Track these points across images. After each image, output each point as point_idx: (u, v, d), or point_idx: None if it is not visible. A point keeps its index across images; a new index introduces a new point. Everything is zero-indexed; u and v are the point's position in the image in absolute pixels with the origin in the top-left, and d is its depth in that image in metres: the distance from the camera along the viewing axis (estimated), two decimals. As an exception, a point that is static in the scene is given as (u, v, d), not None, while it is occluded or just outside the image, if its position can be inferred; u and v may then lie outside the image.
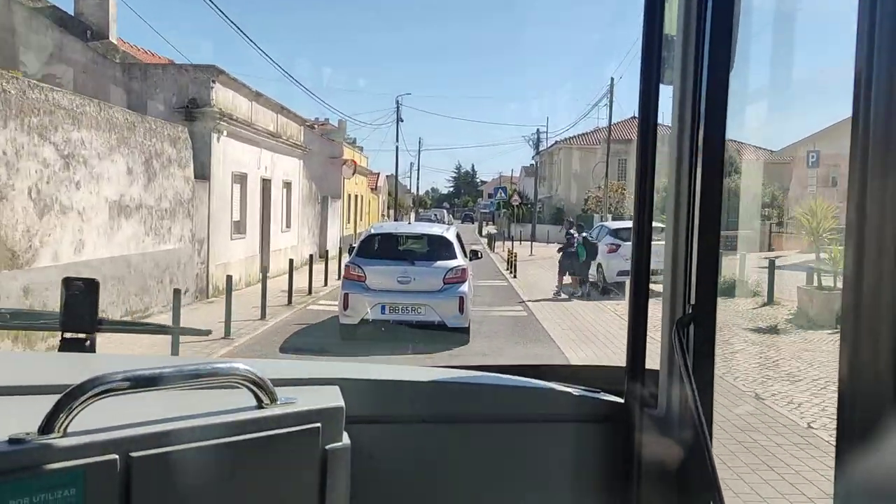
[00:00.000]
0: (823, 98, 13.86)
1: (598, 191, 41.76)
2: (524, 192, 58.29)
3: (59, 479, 0.93)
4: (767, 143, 26.51)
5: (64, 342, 1.65)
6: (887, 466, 0.89)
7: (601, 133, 48.95)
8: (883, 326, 0.89)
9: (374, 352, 9.66)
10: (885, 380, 0.89)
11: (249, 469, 1.11)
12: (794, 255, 18.78)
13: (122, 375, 1.00)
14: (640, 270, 1.45)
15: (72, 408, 0.96)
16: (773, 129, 24.85)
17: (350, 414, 1.23)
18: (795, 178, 24.07)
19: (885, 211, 0.88)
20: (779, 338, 11.92)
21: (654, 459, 1.44)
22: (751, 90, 6.17)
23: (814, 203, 14.40)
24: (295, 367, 1.53)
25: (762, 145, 27.59)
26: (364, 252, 11.98)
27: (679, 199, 1.40)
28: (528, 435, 1.50)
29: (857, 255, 0.91)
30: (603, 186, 38.31)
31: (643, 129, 1.41)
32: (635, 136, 1.45)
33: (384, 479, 1.38)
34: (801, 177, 23.23)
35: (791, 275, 15.50)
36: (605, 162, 38.62)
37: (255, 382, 1.13)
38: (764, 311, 14.14)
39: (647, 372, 1.48)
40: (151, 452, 1.00)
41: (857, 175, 0.91)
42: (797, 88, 16.80)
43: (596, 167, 41.26)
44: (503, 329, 13.45)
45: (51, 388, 1.08)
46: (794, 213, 19.45)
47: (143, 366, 1.04)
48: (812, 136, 22.30)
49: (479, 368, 1.67)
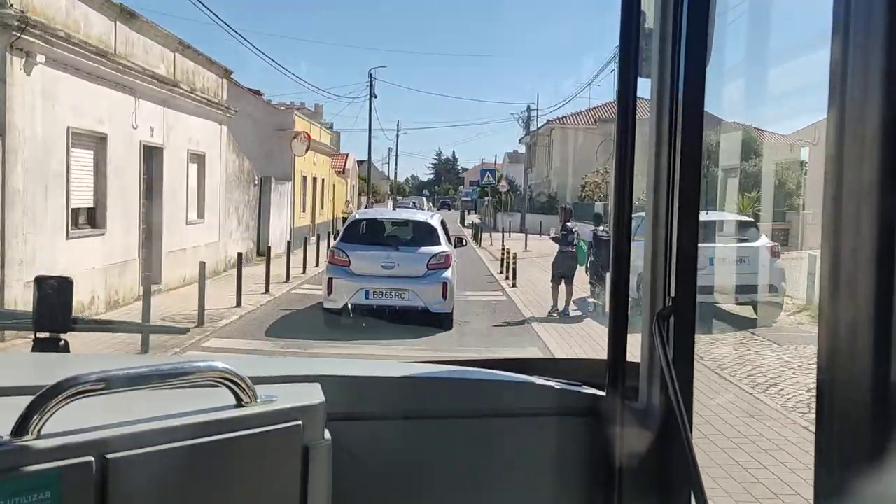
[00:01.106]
0: (802, 91, 12.73)
1: (596, 175, 36.49)
2: (512, 178, 52.24)
3: (34, 482, 0.92)
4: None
5: (37, 342, 1.65)
6: (866, 452, 0.89)
7: (599, 111, 43.41)
8: (861, 314, 0.88)
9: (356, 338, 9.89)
10: (863, 368, 0.88)
11: (229, 468, 1.10)
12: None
13: (98, 376, 0.98)
14: (620, 263, 1.45)
15: (45, 409, 0.94)
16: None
17: (331, 411, 1.22)
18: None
19: (860, 200, 0.88)
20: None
21: (635, 452, 1.45)
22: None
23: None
24: (275, 364, 1.68)
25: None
26: (349, 237, 11.95)
27: (658, 192, 1.40)
28: (511, 429, 1.50)
29: (835, 243, 0.91)
30: (610, 168, 32.40)
31: (622, 124, 1.42)
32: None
33: (366, 475, 1.38)
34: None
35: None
36: (612, 139, 32.73)
37: (234, 381, 1.11)
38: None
39: (629, 365, 1.47)
40: (129, 454, 0.99)
41: (833, 166, 0.90)
42: (775, 79, 14.36)
43: (601, 145, 35.42)
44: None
45: (24, 389, 1.05)
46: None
47: (119, 365, 1.03)
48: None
49: (460, 363, 1.70)
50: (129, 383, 1.01)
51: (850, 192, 0.88)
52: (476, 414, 1.49)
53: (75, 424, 0.97)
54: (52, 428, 0.95)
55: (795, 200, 19.26)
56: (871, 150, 0.86)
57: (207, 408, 1.10)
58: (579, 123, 45.02)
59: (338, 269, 11.36)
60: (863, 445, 0.88)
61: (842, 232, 0.89)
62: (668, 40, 1.36)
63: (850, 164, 0.88)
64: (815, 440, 0.94)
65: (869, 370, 0.87)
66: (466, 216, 59.55)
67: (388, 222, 13.05)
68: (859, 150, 0.87)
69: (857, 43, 0.88)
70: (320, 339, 10.37)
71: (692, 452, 1.22)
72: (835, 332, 0.91)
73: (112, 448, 0.97)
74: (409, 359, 2.14)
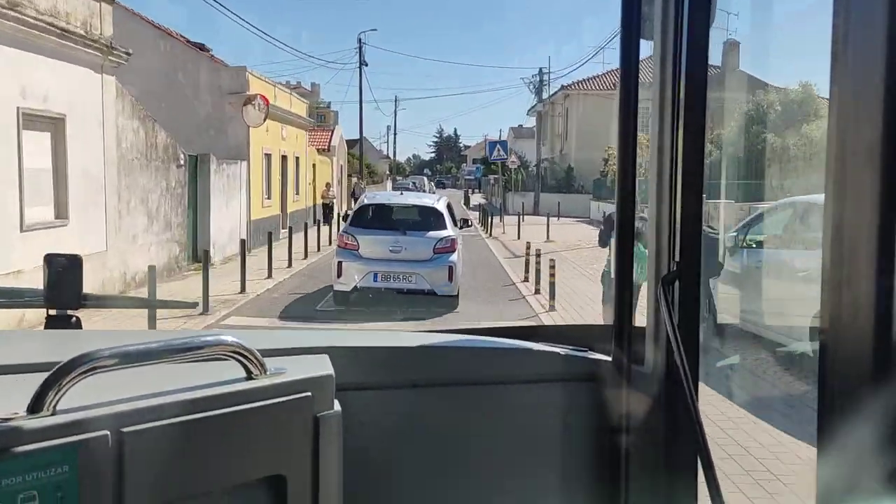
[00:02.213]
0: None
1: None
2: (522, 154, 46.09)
3: (52, 458, 0.93)
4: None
5: (49, 319, 1.66)
6: (867, 407, 0.90)
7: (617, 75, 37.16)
8: (863, 279, 0.89)
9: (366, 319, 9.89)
10: (864, 333, 0.89)
11: (242, 440, 1.11)
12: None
13: (111, 352, 0.99)
14: (625, 227, 1.46)
15: (60, 385, 0.95)
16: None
17: (340, 381, 1.23)
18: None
19: (863, 168, 0.89)
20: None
21: (641, 416, 1.45)
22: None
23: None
24: (284, 337, 1.56)
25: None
26: (357, 222, 12.12)
27: (662, 157, 1.39)
28: (517, 395, 1.50)
29: (838, 210, 0.92)
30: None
31: (625, 87, 1.42)
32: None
33: (376, 444, 1.39)
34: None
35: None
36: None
37: (244, 354, 1.12)
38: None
39: (634, 329, 1.48)
40: (143, 427, 1.00)
41: (836, 131, 0.92)
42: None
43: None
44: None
45: (38, 366, 1.08)
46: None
47: (130, 341, 1.04)
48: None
49: (466, 332, 1.70)
50: (142, 358, 1.02)
51: (854, 155, 0.90)
52: (483, 381, 1.50)
53: (90, 400, 0.98)
54: (68, 404, 0.95)
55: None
56: (874, 114, 0.87)
57: (219, 381, 1.10)
58: (597, 89, 39.08)
59: (347, 253, 11.52)
60: (864, 401, 0.90)
61: (846, 196, 0.91)
62: (671, 1, 1.35)
63: (853, 126, 0.90)
64: (818, 396, 0.96)
65: (871, 327, 0.88)
66: (471, 196, 53.55)
67: (396, 207, 13.21)
68: (862, 111, 0.88)
69: (860, 8, 0.88)
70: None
71: (698, 415, 1.22)
72: (837, 290, 0.92)
73: (127, 422, 0.98)
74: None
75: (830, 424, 0.93)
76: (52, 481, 0.92)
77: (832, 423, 0.93)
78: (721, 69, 8.99)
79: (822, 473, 0.95)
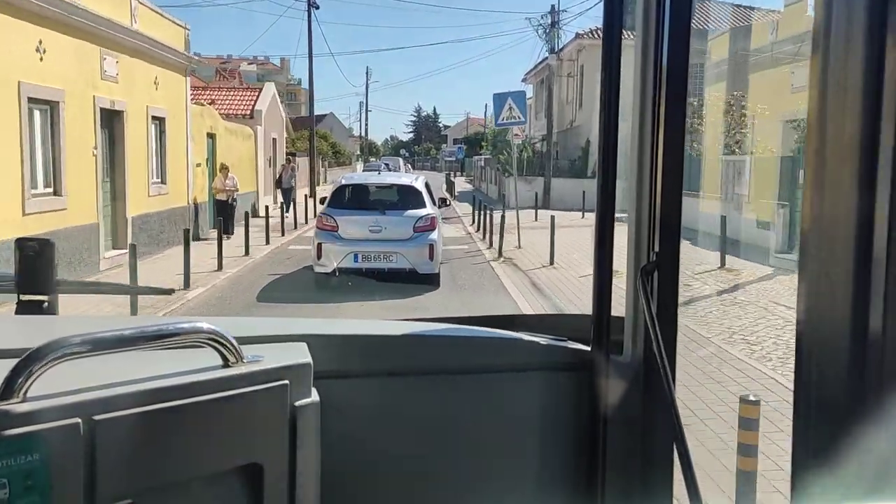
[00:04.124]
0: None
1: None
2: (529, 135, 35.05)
3: (22, 445, 0.92)
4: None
5: (21, 305, 1.64)
6: (843, 398, 0.90)
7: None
8: (841, 271, 0.90)
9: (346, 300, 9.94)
10: (841, 324, 0.90)
11: (217, 429, 1.09)
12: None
13: (83, 338, 0.98)
14: (604, 216, 1.44)
15: (31, 372, 0.94)
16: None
17: (318, 370, 1.22)
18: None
19: (842, 162, 0.89)
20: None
21: (619, 405, 1.46)
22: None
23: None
24: (261, 324, 1.52)
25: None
26: (336, 202, 12.07)
27: (642, 147, 1.40)
28: (497, 384, 1.50)
29: (817, 202, 0.92)
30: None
31: (608, 72, 1.40)
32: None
33: (354, 433, 1.38)
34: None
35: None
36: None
37: (220, 341, 1.11)
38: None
39: (613, 319, 1.48)
40: (116, 415, 0.99)
41: (815, 125, 0.92)
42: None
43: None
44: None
45: (8, 352, 1.05)
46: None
47: (104, 328, 1.03)
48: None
49: (445, 320, 1.68)
50: (115, 345, 1.01)
51: (832, 148, 0.90)
52: (462, 370, 1.49)
53: (62, 387, 0.97)
54: (39, 391, 0.94)
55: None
56: (852, 105, 0.87)
57: (194, 368, 1.09)
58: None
59: (326, 234, 11.50)
60: (840, 391, 0.90)
61: (824, 187, 0.91)
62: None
63: (832, 119, 0.90)
64: (794, 388, 0.97)
65: (848, 318, 0.89)
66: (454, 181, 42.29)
67: (373, 187, 13.10)
68: (842, 104, 0.88)
69: (840, 2, 0.88)
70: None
71: (675, 404, 1.22)
72: (814, 279, 0.93)
73: (99, 409, 0.97)
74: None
75: (807, 414, 0.94)
76: (22, 469, 0.91)
77: (808, 413, 0.94)
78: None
79: (798, 463, 0.95)
